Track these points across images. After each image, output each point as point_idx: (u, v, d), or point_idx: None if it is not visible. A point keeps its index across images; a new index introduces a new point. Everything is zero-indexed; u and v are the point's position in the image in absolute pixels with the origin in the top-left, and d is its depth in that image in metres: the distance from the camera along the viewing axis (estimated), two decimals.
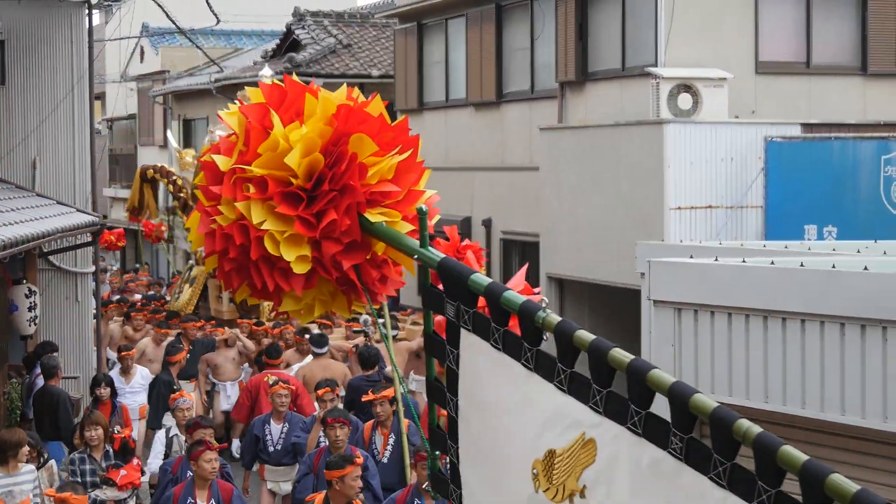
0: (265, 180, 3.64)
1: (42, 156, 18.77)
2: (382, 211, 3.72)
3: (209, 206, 3.77)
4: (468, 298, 3.43)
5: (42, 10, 18.71)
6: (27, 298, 17.18)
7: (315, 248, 3.67)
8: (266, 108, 3.72)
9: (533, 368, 3.17)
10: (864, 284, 10.63)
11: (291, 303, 3.81)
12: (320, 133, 3.68)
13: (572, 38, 20.38)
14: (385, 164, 3.72)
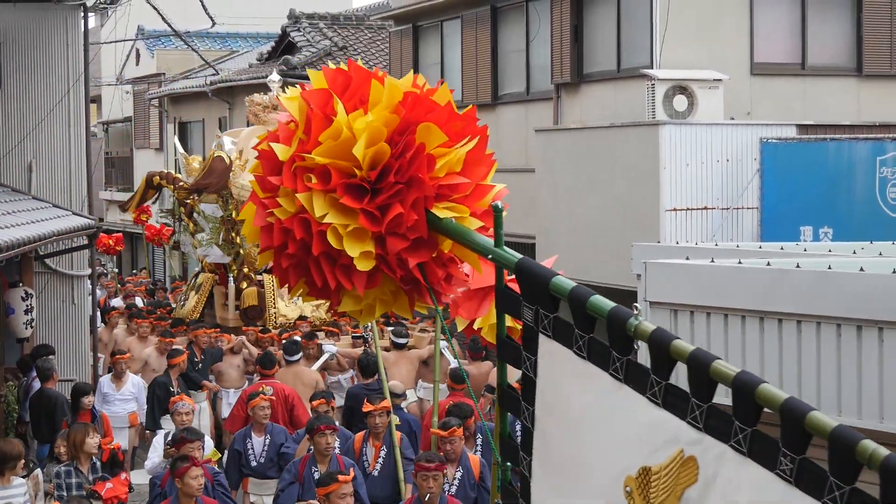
0: (328, 170, 3.43)
1: (38, 159, 18.77)
2: (450, 206, 3.50)
3: (265, 197, 3.54)
4: (548, 302, 3.21)
5: (38, 13, 18.71)
6: (23, 301, 17.19)
7: (379, 245, 3.45)
8: (329, 93, 3.50)
9: (623, 379, 2.96)
10: (859, 285, 10.64)
11: (351, 302, 3.60)
12: (386, 121, 3.46)
13: (567, 39, 20.39)
14: (454, 156, 3.52)
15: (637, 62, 18.75)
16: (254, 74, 32.62)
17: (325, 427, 11.60)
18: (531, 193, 20.34)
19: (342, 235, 3.40)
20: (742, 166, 17.33)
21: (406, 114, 3.49)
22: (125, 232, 42.63)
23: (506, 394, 3.50)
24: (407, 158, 3.43)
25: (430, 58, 25.48)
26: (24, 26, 18.67)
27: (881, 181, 17.41)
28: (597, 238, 18.43)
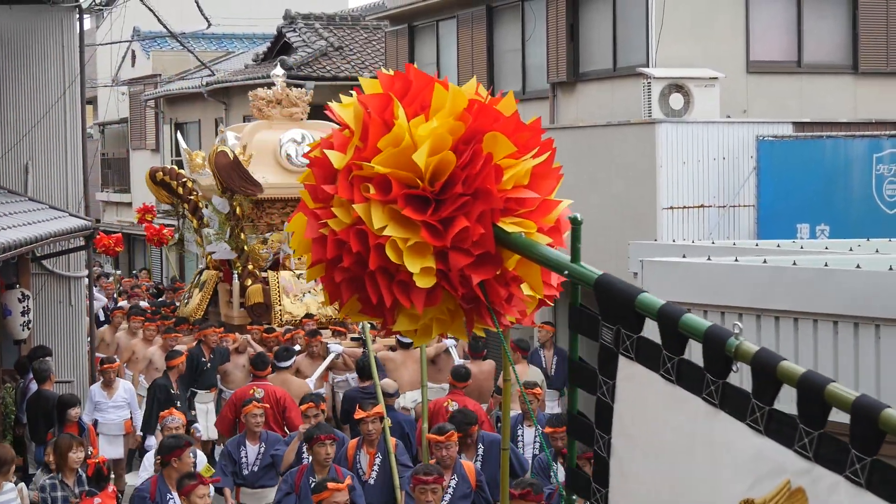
0: (387, 180, 3.20)
1: (34, 160, 18.77)
2: (517, 221, 3.26)
3: (317, 207, 3.32)
4: (632, 321, 2.99)
5: (33, 15, 18.71)
6: (20, 303, 17.19)
7: (440, 260, 3.21)
8: (389, 98, 3.29)
9: (718, 405, 2.74)
10: (856, 282, 10.64)
11: (407, 321, 3.34)
12: (451, 129, 3.24)
13: (563, 38, 20.40)
14: (521, 168, 3.27)
15: (633, 61, 18.76)
16: (250, 75, 32.61)
17: (324, 437, 11.26)
18: None
19: (402, 249, 3.18)
20: (738, 164, 17.33)
21: (472, 122, 3.27)
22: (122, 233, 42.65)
23: (576, 421, 3.26)
24: (475, 169, 3.21)
25: (426, 58, 25.47)
26: (20, 28, 18.67)
27: (878, 178, 17.42)
28: (594, 236, 18.40)
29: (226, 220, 20.41)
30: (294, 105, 21.58)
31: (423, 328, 3.38)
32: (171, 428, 12.61)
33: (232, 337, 18.46)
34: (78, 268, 19.50)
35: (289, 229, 3.49)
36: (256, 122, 21.57)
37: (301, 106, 21.65)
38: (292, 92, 21.76)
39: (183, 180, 20.89)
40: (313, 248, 3.34)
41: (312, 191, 3.36)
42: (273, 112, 21.46)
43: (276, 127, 21.17)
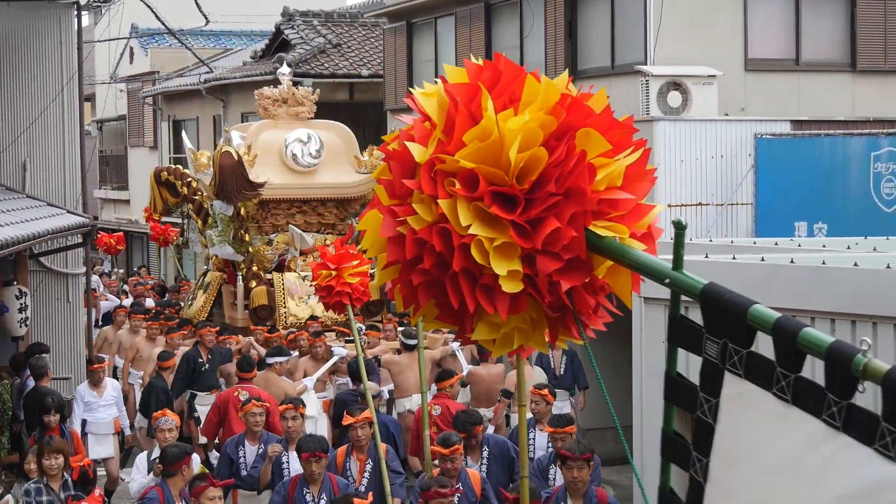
0: (475, 175, 2.99)
1: (32, 157, 18.76)
2: (608, 224, 3.04)
3: (394, 204, 3.11)
4: (741, 335, 2.75)
5: (31, 12, 18.70)
6: (18, 300, 17.19)
7: (526, 264, 2.99)
8: (476, 89, 3.11)
9: (841, 427, 2.49)
10: (854, 280, 10.65)
11: (486, 330, 3.10)
12: (542, 124, 3.03)
13: (561, 36, 20.40)
14: (616, 168, 3.08)
15: (631, 58, 18.76)
16: (248, 72, 32.60)
17: (308, 455, 10.69)
18: None
19: (488, 250, 2.95)
20: (736, 162, 17.34)
21: (565, 117, 3.06)
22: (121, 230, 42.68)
23: (671, 442, 2.99)
24: (569, 167, 2.99)
25: (424, 55, 25.48)
26: (18, 25, 18.66)
27: (875, 176, 17.43)
28: None
29: (229, 221, 20.16)
30: (300, 104, 21.24)
31: (503, 338, 3.14)
32: (164, 430, 12.19)
33: (234, 339, 18.22)
34: (76, 265, 19.49)
35: (361, 227, 3.27)
36: (262, 122, 21.25)
37: (307, 105, 21.28)
38: (298, 91, 21.47)
39: (188, 180, 20.62)
40: (389, 247, 3.11)
41: (389, 186, 3.14)
42: (279, 111, 21.16)
43: (282, 126, 20.85)
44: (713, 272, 11.92)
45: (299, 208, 20.72)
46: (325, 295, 10.15)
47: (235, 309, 20.19)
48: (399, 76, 26.19)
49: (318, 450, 10.72)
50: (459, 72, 3.21)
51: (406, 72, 25.91)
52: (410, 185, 3.05)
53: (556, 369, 17.44)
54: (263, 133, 20.74)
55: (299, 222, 20.58)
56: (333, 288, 9.92)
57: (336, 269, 9.82)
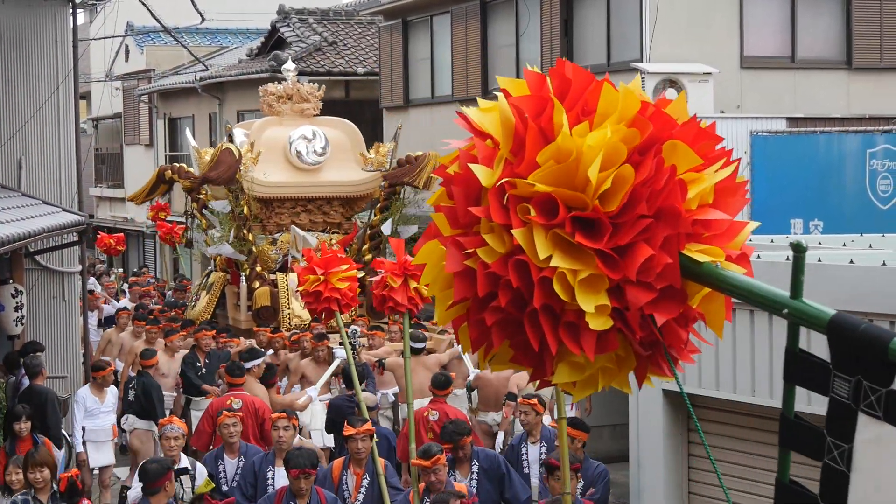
0: (552, 200, 2.64)
1: (28, 156, 18.73)
2: (703, 248, 2.70)
3: (457, 234, 2.75)
4: (879, 372, 2.43)
5: (26, 10, 18.67)
6: (13, 298, 17.16)
7: (613, 297, 2.65)
8: (545, 101, 2.76)
9: None
10: (850, 278, 10.66)
11: (568, 372, 2.76)
12: (624, 137, 2.70)
13: (557, 33, 20.40)
14: (707, 184, 2.73)
15: (627, 56, 18.77)
16: (244, 70, 32.60)
17: (298, 472, 10.17)
18: None
19: (572, 284, 2.62)
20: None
21: (651, 129, 2.74)
22: (116, 229, 42.64)
23: (789, 493, 2.66)
24: (659, 184, 2.66)
25: (420, 53, 25.48)
26: (13, 23, 18.63)
27: (871, 173, 17.44)
28: None
29: (229, 220, 19.87)
30: (305, 100, 20.93)
31: (587, 379, 2.80)
32: (170, 437, 11.59)
33: (235, 342, 17.91)
34: (71, 263, 19.47)
35: (418, 261, 2.89)
36: (266, 118, 20.95)
37: (313, 102, 20.98)
38: (303, 87, 21.14)
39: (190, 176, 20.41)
40: (457, 284, 2.73)
41: (451, 214, 2.77)
42: (283, 108, 20.85)
43: (287, 123, 20.55)
44: None
45: (304, 207, 20.45)
46: (311, 301, 9.35)
47: (239, 310, 19.92)
48: (395, 74, 26.18)
49: (308, 466, 10.22)
50: (518, 83, 2.85)
51: (402, 69, 25.90)
52: (478, 214, 2.70)
53: None
54: (267, 130, 20.45)
55: (304, 221, 20.29)
56: (321, 294, 9.18)
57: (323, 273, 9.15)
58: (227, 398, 13.87)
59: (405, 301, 8.35)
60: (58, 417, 15.10)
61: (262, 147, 19.75)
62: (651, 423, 14.53)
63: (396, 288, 8.31)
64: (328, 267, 9.12)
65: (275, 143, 20.08)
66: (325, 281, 9.12)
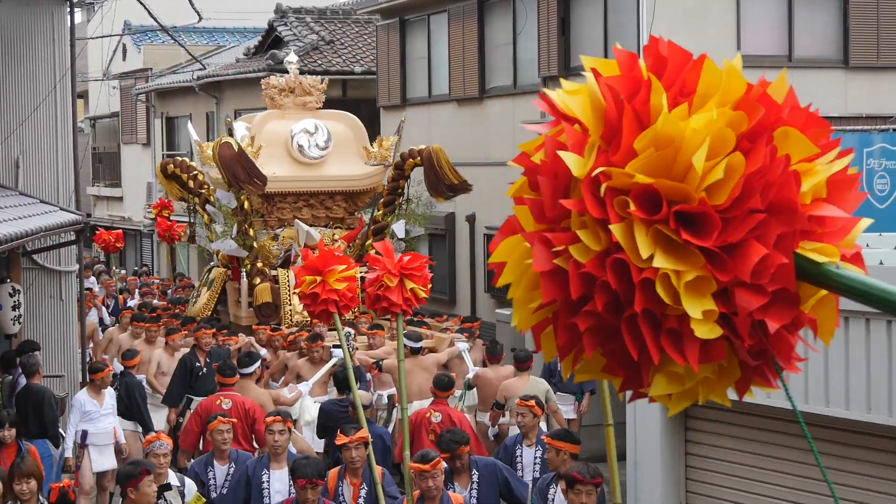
0: (653, 193, 2.36)
1: (25, 155, 18.72)
2: (817, 247, 2.44)
3: (540, 229, 2.46)
4: None
5: (23, 9, 18.66)
6: (11, 297, 17.17)
7: (719, 301, 2.37)
8: (640, 82, 2.48)
9: None
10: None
11: (666, 384, 2.46)
12: (730, 122, 2.41)
13: (554, 32, 20.40)
14: (821, 177, 2.46)
15: None
16: (241, 69, 32.60)
17: (305, 482, 9.75)
18: None
19: (676, 287, 2.35)
20: None
21: (761, 113, 2.45)
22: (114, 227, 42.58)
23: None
24: (773, 175, 2.38)
25: (417, 52, 25.47)
26: (10, 22, 18.62)
27: (868, 173, 17.45)
28: None
29: (232, 215, 19.68)
30: (308, 93, 20.70)
31: (686, 392, 2.50)
32: (158, 454, 11.00)
33: (234, 339, 17.67)
34: (69, 262, 19.46)
35: (496, 259, 2.58)
36: (267, 112, 20.72)
37: (315, 95, 20.74)
38: (306, 80, 20.91)
39: (194, 173, 20.11)
40: (545, 284, 2.44)
41: (536, 207, 2.48)
42: (286, 101, 20.61)
43: (289, 117, 20.32)
44: None
45: (306, 202, 20.28)
46: (309, 303, 8.83)
47: (240, 307, 19.67)
48: (392, 73, 26.18)
49: (315, 476, 9.77)
50: (607, 63, 2.60)
51: (399, 68, 25.90)
52: (570, 207, 2.40)
53: (562, 372, 17.18)
54: (269, 123, 20.24)
55: (306, 216, 20.08)
56: (319, 295, 8.66)
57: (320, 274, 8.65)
58: (217, 398, 13.62)
59: (401, 301, 8.10)
60: (55, 416, 15.08)
61: (264, 141, 19.54)
62: (648, 422, 14.53)
63: (392, 288, 8.07)
64: (325, 267, 8.65)
65: (276, 137, 19.86)
66: (323, 282, 8.64)
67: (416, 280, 7.80)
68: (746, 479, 13.30)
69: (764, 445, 13.09)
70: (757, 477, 13.11)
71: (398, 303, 8.11)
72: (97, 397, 15.36)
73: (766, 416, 11.73)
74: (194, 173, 20.14)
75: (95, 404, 15.30)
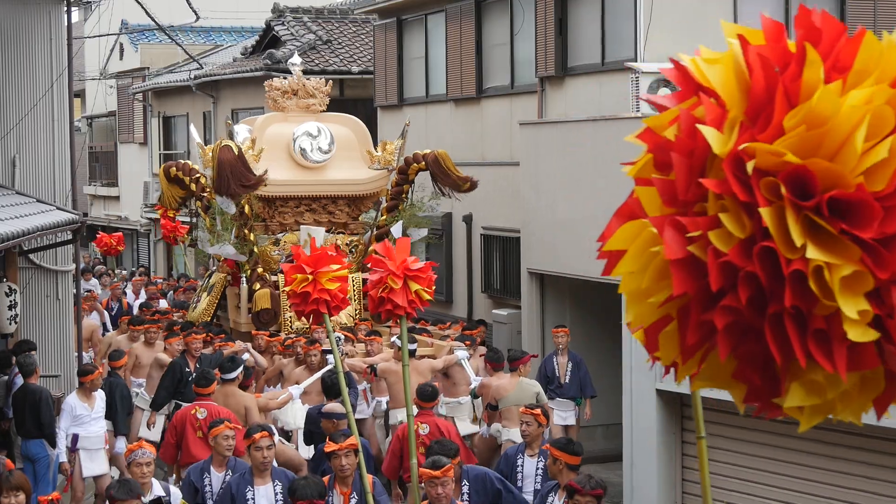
0: (804, 175, 2.11)
1: (22, 154, 18.71)
2: None
3: (671, 213, 2.21)
4: None
5: (20, 8, 18.64)
6: (7, 297, 17.16)
7: (873, 300, 2.08)
8: (787, 54, 2.22)
9: None
10: None
11: (802, 394, 2.16)
12: (890, 100, 2.14)
13: (552, 33, 20.39)
14: None
15: (621, 55, 18.76)
16: (238, 68, 32.60)
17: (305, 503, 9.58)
18: (515, 187, 20.36)
19: (830, 282, 2.08)
20: None
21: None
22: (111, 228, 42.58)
23: None
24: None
25: (415, 51, 25.46)
26: (6, 21, 18.61)
27: None
28: (581, 231, 18.42)
29: (231, 219, 19.24)
30: (311, 96, 20.40)
31: (822, 405, 2.20)
32: (141, 464, 10.61)
33: (231, 345, 17.26)
34: (65, 262, 19.45)
35: (613, 246, 2.44)
36: (269, 115, 20.51)
37: (319, 97, 20.44)
38: (310, 82, 20.65)
39: (196, 176, 19.84)
40: (677, 275, 2.18)
41: (667, 189, 2.23)
42: (288, 103, 20.30)
43: (291, 119, 20.03)
44: None
45: (308, 206, 19.96)
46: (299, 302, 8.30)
47: (240, 312, 19.34)
48: (389, 73, 26.17)
49: (316, 497, 9.62)
50: (752, 33, 2.31)
51: (396, 68, 25.89)
52: (712, 188, 2.15)
53: (561, 377, 16.93)
54: (271, 126, 19.97)
55: (308, 221, 19.81)
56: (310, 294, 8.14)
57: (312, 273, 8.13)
58: (191, 407, 13.38)
59: (405, 304, 7.63)
60: (52, 416, 15.08)
61: (265, 144, 19.30)
62: (645, 423, 14.53)
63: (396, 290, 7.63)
64: (317, 266, 8.12)
65: (278, 140, 19.56)
66: (314, 281, 8.10)
67: (420, 282, 7.59)
68: (742, 479, 13.31)
69: (760, 447, 13.10)
70: (753, 478, 13.12)
71: (402, 305, 7.68)
72: (87, 400, 15.09)
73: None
74: (196, 176, 19.88)
75: (86, 407, 15.07)
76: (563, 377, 16.89)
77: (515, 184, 20.36)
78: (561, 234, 18.85)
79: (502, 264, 22.21)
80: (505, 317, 21.05)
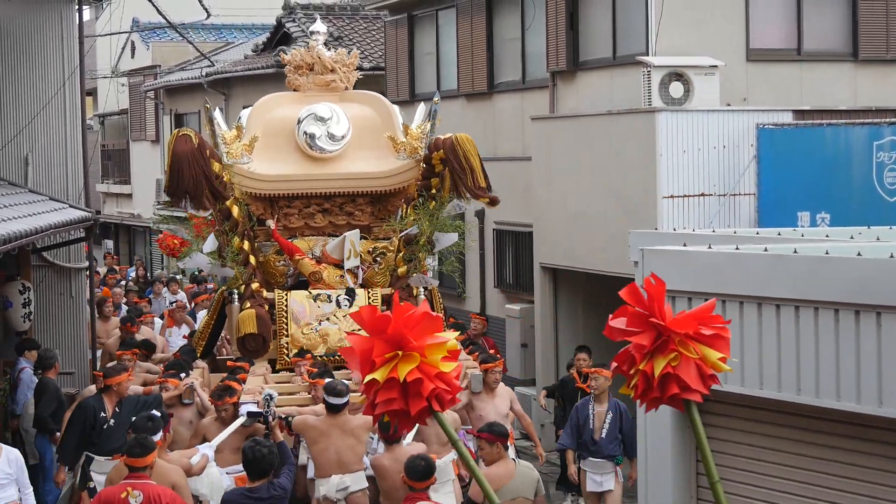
0: None
1: (34, 152, 18.77)
2: None
3: None
4: None
5: (32, 6, 18.69)
6: (21, 295, 17.22)
7: None
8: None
9: None
10: (857, 270, 10.64)
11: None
12: None
13: (563, 27, 20.36)
14: None
15: (633, 49, 18.73)
16: (249, 65, 32.62)
17: None
18: (527, 181, 20.34)
19: None
20: (739, 152, 17.32)
21: None
22: (122, 225, 42.70)
23: None
24: None
25: (426, 47, 25.46)
26: (19, 20, 18.65)
27: (878, 166, 17.40)
28: (594, 226, 18.42)
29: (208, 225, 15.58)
30: (330, 70, 16.11)
31: None
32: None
33: (173, 382, 13.66)
34: (79, 259, 19.50)
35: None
36: (276, 94, 16.61)
37: (339, 72, 16.10)
38: (327, 54, 16.24)
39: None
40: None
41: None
42: (303, 80, 16.17)
43: (307, 100, 15.91)
44: (716, 263, 11.90)
45: (320, 206, 15.88)
46: (396, 397, 4.08)
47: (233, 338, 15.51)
48: (400, 69, 26.17)
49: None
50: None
51: (407, 64, 25.89)
52: None
53: (596, 431, 14.13)
54: (277, 109, 16.02)
55: (321, 223, 15.93)
56: (424, 385, 4.19)
57: (417, 349, 4.22)
58: (122, 489, 9.93)
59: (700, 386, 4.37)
60: (51, 410, 15.19)
61: (267, 129, 15.61)
62: (659, 416, 14.51)
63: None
64: (420, 336, 4.22)
65: (282, 125, 15.67)
66: (423, 363, 4.19)
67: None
68: (758, 473, 13.29)
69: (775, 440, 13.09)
70: (768, 472, 13.10)
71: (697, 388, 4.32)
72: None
73: (776, 410, 11.71)
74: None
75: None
76: (600, 431, 14.09)
77: (527, 178, 20.33)
78: (573, 229, 18.84)
79: (515, 259, 22.20)
80: (518, 311, 21.04)
